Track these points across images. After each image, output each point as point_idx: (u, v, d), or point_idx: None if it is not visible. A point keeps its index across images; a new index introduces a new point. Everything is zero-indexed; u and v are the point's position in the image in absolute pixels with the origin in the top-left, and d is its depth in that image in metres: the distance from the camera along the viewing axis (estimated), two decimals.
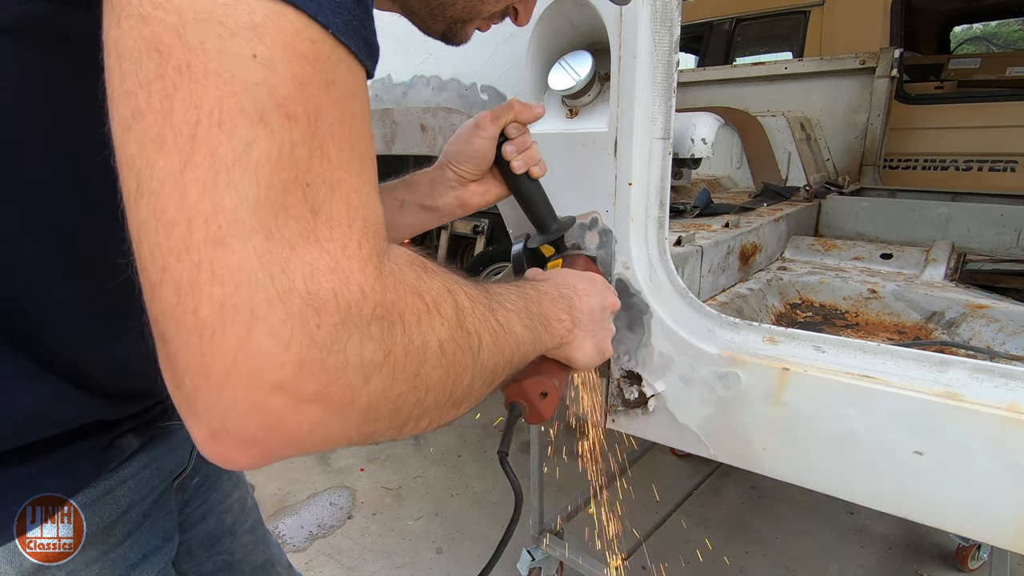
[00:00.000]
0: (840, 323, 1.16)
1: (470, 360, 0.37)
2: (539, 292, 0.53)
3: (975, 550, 1.64)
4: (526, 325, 0.47)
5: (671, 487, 2.04)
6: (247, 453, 0.28)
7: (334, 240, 0.29)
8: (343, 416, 0.29)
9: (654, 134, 0.77)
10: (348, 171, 0.30)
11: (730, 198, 1.77)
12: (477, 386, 0.39)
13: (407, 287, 0.33)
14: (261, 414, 0.27)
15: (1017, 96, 2.38)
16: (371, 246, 0.31)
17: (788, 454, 0.77)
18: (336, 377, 0.28)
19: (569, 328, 0.55)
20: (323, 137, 0.29)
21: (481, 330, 0.39)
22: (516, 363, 0.45)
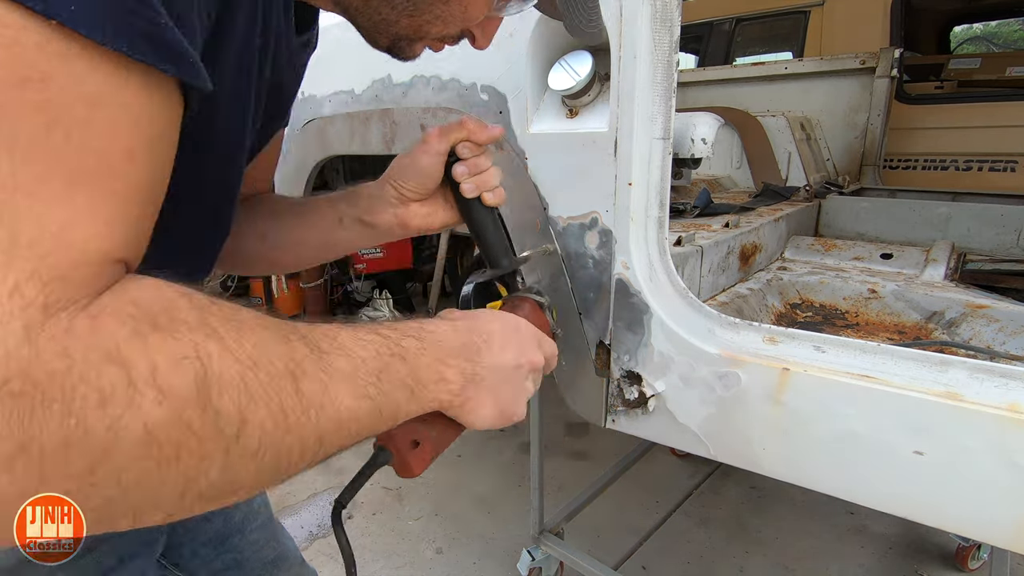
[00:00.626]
0: (840, 323, 1.16)
1: (217, 447, 0.29)
2: (422, 345, 0.44)
3: (975, 550, 1.64)
4: (365, 395, 0.37)
5: (671, 487, 2.04)
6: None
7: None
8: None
9: (654, 134, 0.77)
10: (36, 195, 0.24)
11: (730, 198, 1.77)
12: (243, 476, 0.31)
13: (100, 353, 0.25)
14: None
15: (1017, 96, 2.38)
16: (37, 293, 0.24)
17: (788, 454, 0.77)
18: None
19: (457, 390, 0.46)
20: (20, 147, 0.23)
21: (251, 409, 0.30)
22: (339, 441, 0.37)
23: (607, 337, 0.90)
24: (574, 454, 2.29)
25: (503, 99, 0.92)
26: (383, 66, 1.13)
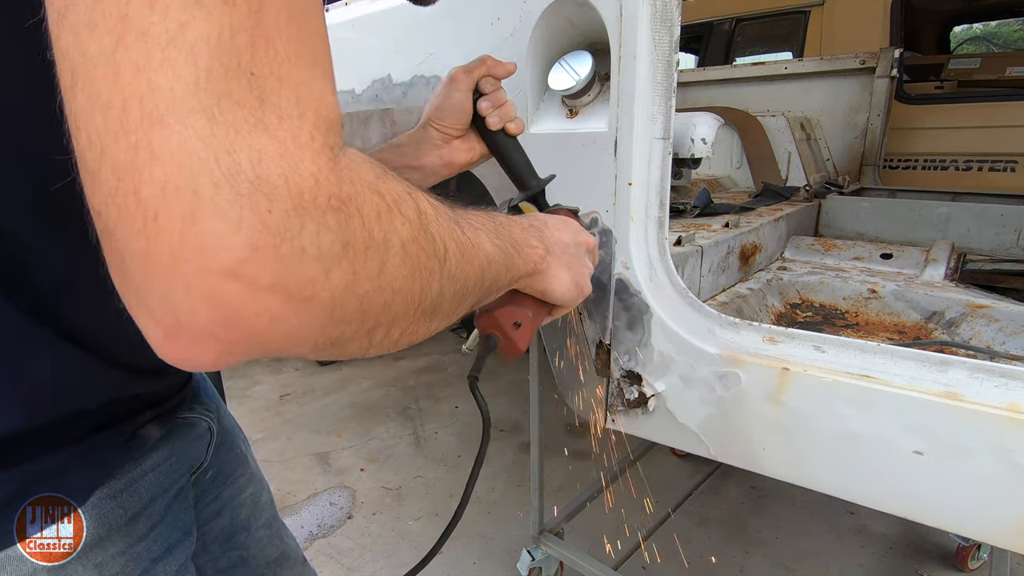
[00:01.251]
0: (840, 323, 1.16)
1: (436, 265, 0.35)
2: (509, 219, 0.51)
3: (975, 550, 1.64)
4: (496, 244, 0.45)
5: (671, 487, 2.04)
6: (205, 350, 0.27)
7: (284, 129, 0.27)
8: (305, 311, 0.28)
9: (654, 134, 0.77)
10: (297, 65, 0.28)
11: (730, 198, 1.77)
12: (448, 296, 0.38)
13: (365, 183, 0.31)
14: (215, 304, 0.25)
15: (1017, 96, 2.38)
16: (324, 139, 0.29)
17: (788, 454, 0.77)
18: (293, 266, 0.26)
19: (542, 255, 0.53)
20: (267, 28, 0.27)
21: (447, 238, 0.37)
22: (488, 282, 0.43)
23: (607, 337, 0.90)
24: (574, 454, 2.29)
25: None
26: (383, 66, 1.13)
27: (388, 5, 1.09)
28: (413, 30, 1.05)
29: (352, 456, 2.30)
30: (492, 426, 0.56)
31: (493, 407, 2.67)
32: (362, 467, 2.23)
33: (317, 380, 3.04)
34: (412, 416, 2.64)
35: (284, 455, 2.29)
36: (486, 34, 0.91)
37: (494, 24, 0.90)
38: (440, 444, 2.40)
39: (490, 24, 0.90)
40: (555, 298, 0.57)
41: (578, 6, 0.81)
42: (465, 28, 0.95)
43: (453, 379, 2.99)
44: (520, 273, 0.50)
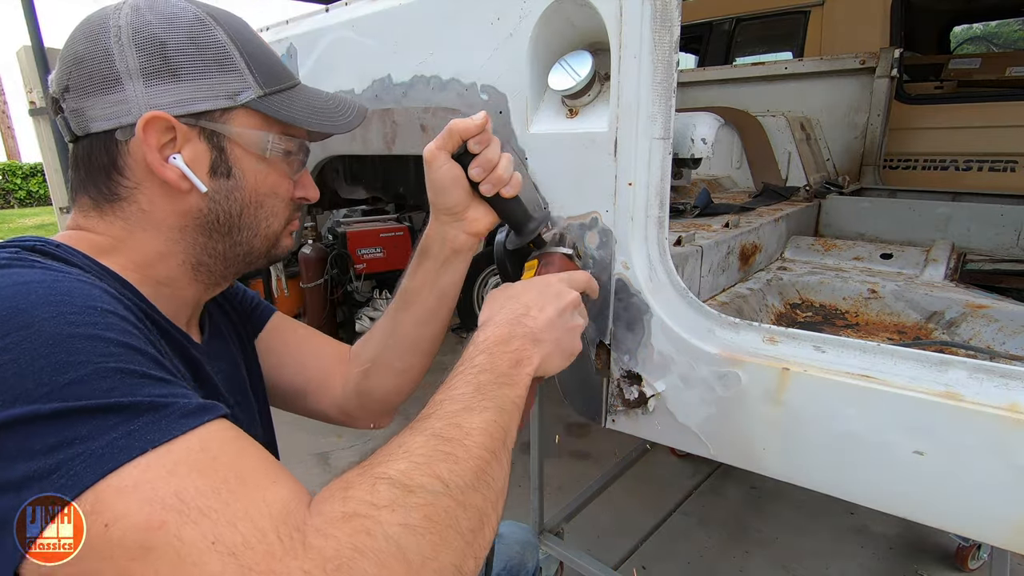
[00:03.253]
0: (840, 323, 1.16)
1: (441, 501, 0.42)
2: (488, 355, 0.56)
3: (975, 550, 1.64)
4: (483, 408, 0.51)
5: (671, 487, 2.04)
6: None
7: (260, 552, 0.36)
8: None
9: (654, 134, 0.77)
10: (235, 496, 0.38)
11: (730, 198, 1.77)
12: (473, 500, 0.44)
13: (339, 528, 0.38)
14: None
15: (1017, 96, 2.38)
16: (288, 531, 0.37)
17: (788, 454, 0.77)
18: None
19: (531, 357, 0.58)
20: (210, 503, 0.37)
21: (435, 477, 0.43)
22: (499, 443, 0.50)
23: (607, 337, 0.90)
24: (574, 454, 2.29)
25: (503, 99, 0.92)
26: (383, 66, 1.13)
27: (388, 5, 1.09)
28: (413, 30, 1.05)
29: (352, 456, 2.30)
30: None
31: None
32: None
33: None
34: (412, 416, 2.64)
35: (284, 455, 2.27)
36: (486, 34, 0.91)
37: (494, 24, 0.90)
38: None
39: (490, 24, 0.90)
40: (549, 374, 0.62)
41: (578, 6, 0.81)
42: (465, 28, 0.95)
43: None
44: (520, 397, 0.56)
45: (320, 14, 1.30)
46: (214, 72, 0.55)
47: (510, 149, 0.93)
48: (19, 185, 11.88)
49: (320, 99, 0.64)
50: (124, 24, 0.53)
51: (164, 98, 0.53)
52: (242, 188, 0.59)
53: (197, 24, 0.55)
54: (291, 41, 1.38)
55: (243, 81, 0.56)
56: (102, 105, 0.53)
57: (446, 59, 1.00)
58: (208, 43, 0.55)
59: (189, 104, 0.54)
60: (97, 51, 0.52)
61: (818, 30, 3.22)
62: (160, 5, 0.55)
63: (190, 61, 0.54)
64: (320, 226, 3.66)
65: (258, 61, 0.58)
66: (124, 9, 0.54)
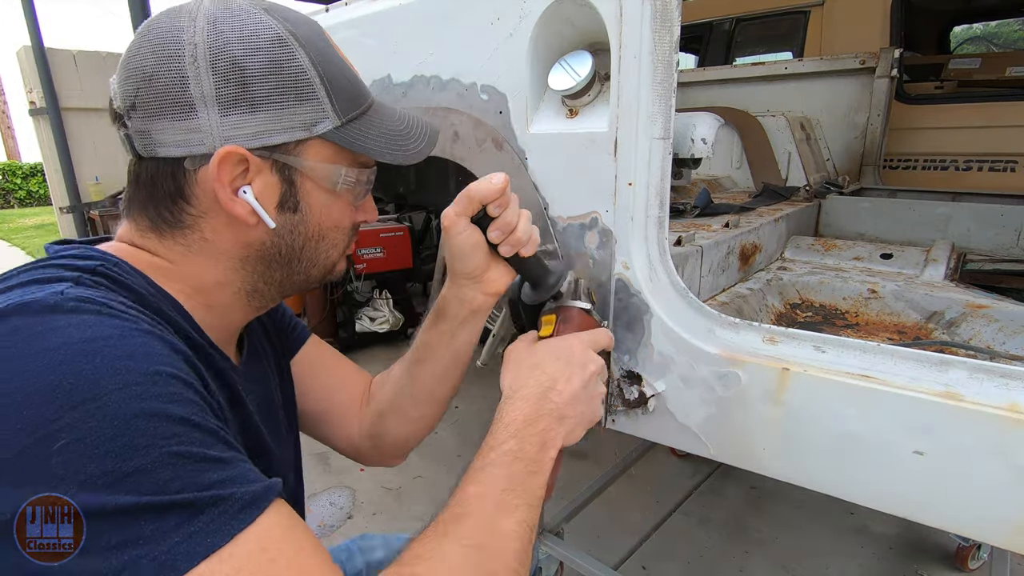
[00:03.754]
0: (840, 323, 1.16)
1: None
2: (519, 439, 0.57)
3: (975, 550, 1.64)
4: (514, 507, 0.53)
5: (671, 487, 2.04)
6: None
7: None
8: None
9: (654, 134, 0.77)
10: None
11: (730, 198, 1.77)
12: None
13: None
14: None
15: (1017, 96, 2.38)
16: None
17: (788, 454, 0.77)
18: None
19: (556, 439, 0.60)
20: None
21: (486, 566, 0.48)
22: (527, 543, 0.52)
23: None
24: (574, 454, 2.29)
25: (503, 99, 0.92)
26: (383, 66, 1.13)
27: (388, 5, 1.09)
28: (413, 30, 1.05)
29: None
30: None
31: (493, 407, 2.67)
32: (362, 467, 2.23)
33: None
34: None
35: None
36: (486, 35, 0.91)
37: (494, 24, 0.90)
38: (440, 444, 2.40)
39: (490, 24, 0.90)
40: (570, 443, 0.63)
41: (578, 6, 0.81)
42: (465, 28, 0.95)
43: None
44: (545, 477, 0.57)
45: (320, 14, 1.30)
46: (293, 102, 0.51)
47: (510, 149, 0.93)
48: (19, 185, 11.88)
49: (393, 121, 0.61)
50: (200, 42, 0.48)
51: (240, 129, 0.50)
52: (307, 223, 0.57)
53: (279, 46, 0.51)
54: None
55: (321, 111, 0.53)
56: (172, 131, 0.50)
57: (446, 59, 1.00)
58: (289, 69, 0.51)
59: (265, 137, 0.51)
60: (170, 71, 0.48)
61: (818, 30, 3.22)
62: (240, 19, 0.50)
63: (270, 90, 0.50)
64: None
65: (338, 86, 0.54)
66: (200, 22, 0.49)
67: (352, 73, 0.58)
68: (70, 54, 4.20)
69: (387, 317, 3.43)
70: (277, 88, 0.50)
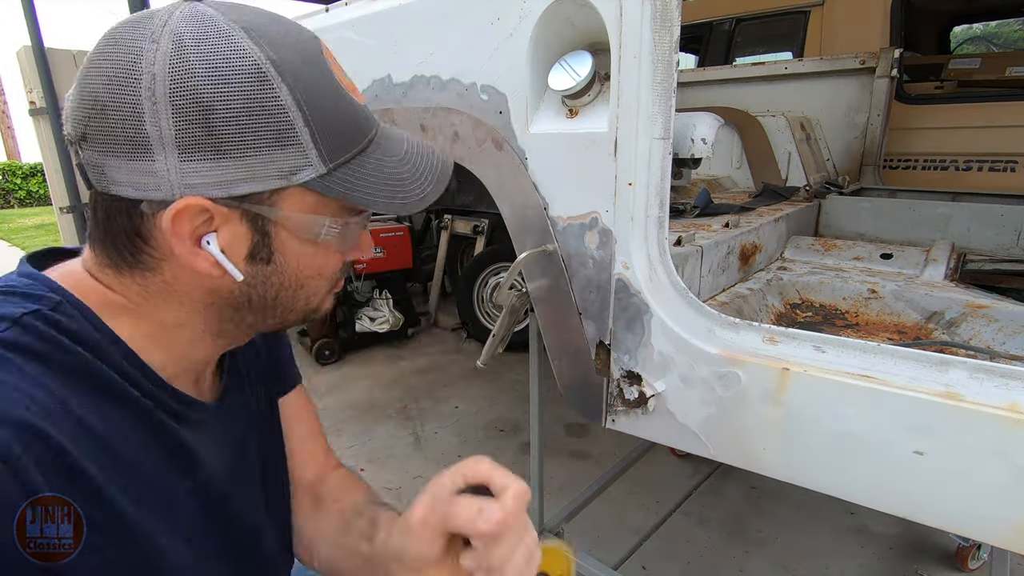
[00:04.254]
0: (840, 323, 1.16)
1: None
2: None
3: (975, 550, 1.64)
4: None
5: (671, 487, 2.04)
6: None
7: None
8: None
9: (654, 134, 0.77)
10: None
11: (730, 198, 1.77)
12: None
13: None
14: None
15: (1017, 96, 2.38)
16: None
17: (788, 454, 0.77)
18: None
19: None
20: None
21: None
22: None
23: (607, 337, 0.90)
24: (574, 454, 2.29)
25: (503, 99, 0.92)
26: (383, 66, 1.13)
27: (388, 5, 1.09)
28: (413, 30, 1.05)
29: (352, 456, 2.30)
30: (492, 426, 0.55)
31: (493, 407, 2.67)
32: (362, 467, 2.23)
33: (317, 380, 3.04)
34: (412, 416, 2.64)
35: None
36: (486, 34, 0.91)
37: (494, 24, 0.90)
38: (440, 444, 2.40)
39: (490, 24, 0.90)
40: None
41: (578, 6, 0.81)
42: (465, 28, 0.95)
43: (453, 379, 2.99)
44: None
45: (320, 14, 1.30)
46: (269, 148, 0.44)
47: (510, 149, 0.93)
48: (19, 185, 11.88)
49: (395, 160, 0.52)
50: (160, 73, 0.41)
51: (203, 177, 0.43)
52: (282, 273, 0.50)
53: (256, 80, 0.42)
54: None
55: (303, 157, 0.45)
56: (126, 171, 0.43)
57: (446, 59, 1.00)
58: (266, 109, 0.43)
59: (232, 187, 0.44)
60: (124, 104, 0.41)
61: (818, 30, 3.22)
62: (211, 43, 0.42)
63: (242, 134, 0.42)
64: None
65: (327, 127, 0.46)
66: (163, 43, 0.41)
67: (350, 106, 0.49)
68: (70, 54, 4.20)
69: (387, 317, 3.44)
70: (250, 132, 0.43)
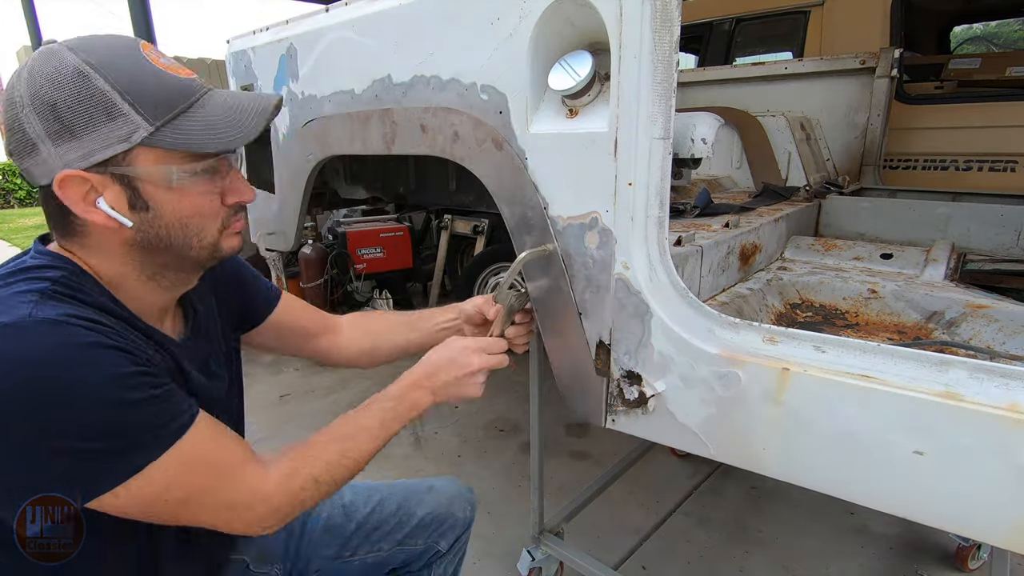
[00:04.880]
0: (840, 323, 1.16)
1: (327, 487, 0.73)
2: (398, 403, 0.83)
3: (975, 550, 1.64)
4: (375, 437, 0.78)
5: (671, 487, 2.04)
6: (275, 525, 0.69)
7: (249, 489, 0.66)
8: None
9: (654, 134, 0.77)
10: (217, 489, 0.64)
11: (730, 198, 1.77)
12: (345, 476, 0.75)
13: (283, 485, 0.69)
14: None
15: (1017, 96, 2.38)
16: (255, 471, 0.67)
17: (788, 454, 0.77)
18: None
19: (424, 405, 0.84)
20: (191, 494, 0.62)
21: (333, 481, 0.73)
22: (380, 444, 0.79)
23: (607, 337, 0.90)
24: (574, 454, 2.29)
25: (503, 99, 0.92)
26: (383, 66, 1.13)
27: (388, 5, 1.09)
28: (413, 30, 1.05)
29: None
30: (492, 426, 0.67)
31: (493, 407, 2.67)
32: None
33: (317, 380, 3.04)
34: None
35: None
36: (486, 34, 0.91)
37: (494, 24, 0.90)
38: (440, 444, 2.39)
39: (490, 24, 0.90)
40: (450, 401, 0.88)
41: (578, 6, 0.81)
42: (465, 28, 0.95)
43: None
44: (406, 414, 0.82)
45: (320, 14, 1.30)
46: (104, 121, 0.58)
47: (510, 150, 0.93)
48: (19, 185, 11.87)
49: (221, 109, 0.65)
50: (24, 92, 0.57)
51: (72, 154, 0.58)
52: (162, 216, 0.64)
53: (78, 78, 0.57)
54: (291, 41, 1.38)
55: (131, 123, 0.59)
56: (32, 166, 0.60)
57: (446, 59, 1.00)
58: (91, 95, 0.58)
59: (92, 156, 0.59)
60: (13, 121, 0.58)
61: (818, 30, 3.22)
62: (46, 65, 0.58)
63: (80, 116, 0.58)
64: (320, 226, 3.66)
65: (143, 96, 0.60)
66: (23, 74, 0.58)
67: (167, 79, 0.63)
68: None
69: None
70: (86, 113, 0.58)
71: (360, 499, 1.04)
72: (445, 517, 1.04)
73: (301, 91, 1.39)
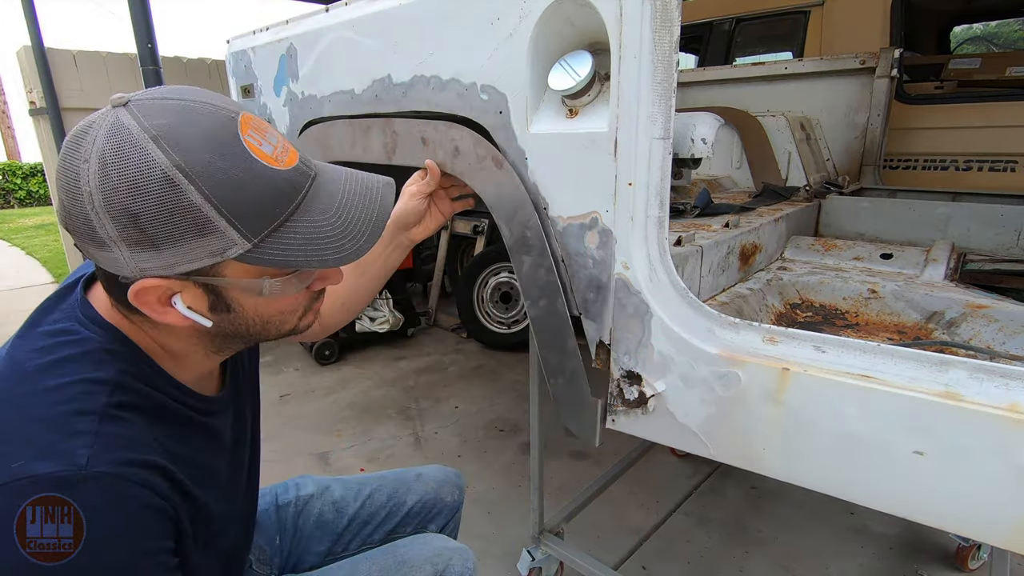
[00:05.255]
0: (840, 323, 1.16)
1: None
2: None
3: (975, 550, 1.64)
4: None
5: (671, 487, 2.04)
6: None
7: None
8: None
9: (654, 134, 0.77)
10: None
11: (730, 198, 1.77)
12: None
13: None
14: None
15: (1017, 96, 2.38)
16: None
17: (788, 454, 0.77)
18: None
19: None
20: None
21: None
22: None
23: (607, 337, 0.90)
24: (574, 454, 2.29)
25: (503, 99, 0.92)
26: (383, 66, 1.13)
27: (388, 5, 1.09)
28: (413, 30, 1.05)
29: (352, 456, 2.30)
30: (492, 426, 0.63)
31: (493, 407, 2.67)
32: (362, 467, 2.23)
33: (317, 380, 3.04)
34: (412, 416, 2.64)
35: (284, 455, 2.29)
36: (486, 34, 0.91)
37: (494, 24, 0.90)
38: (440, 444, 2.39)
39: (490, 24, 0.90)
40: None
41: (578, 6, 0.81)
42: (465, 28, 0.95)
43: (453, 379, 2.99)
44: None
45: (320, 14, 1.30)
46: (193, 237, 0.52)
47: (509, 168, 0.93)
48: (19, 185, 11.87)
49: (327, 217, 0.58)
50: (94, 189, 0.49)
51: (151, 263, 0.52)
52: (244, 317, 0.60)
53: (167, 187, 0.49)
54: (291, 41, 1.38)
55: (226, 239, 0.53)
56: (99, 255, 0.53)
57: (446, 59, 1.00)
58: (181, 208, 0.50)
59: (174, 267, 0.53)
60: (80, 213, 0.51)
61: (818, 30, 3.22)
62: (127, 159, 0.49)
63: (166, 231, 0.51)
64: None
65: (242, 210, 0.53)
66: (92, 164, 0.49)
67: (268, 181, 0.55)
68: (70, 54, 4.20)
69: (387, 317, 3.44)
70: (173, 229, 0.51)
71: (350, 494, 1.03)
72: (434, 503, 1.05)
73: (301, 91, 1.39)
